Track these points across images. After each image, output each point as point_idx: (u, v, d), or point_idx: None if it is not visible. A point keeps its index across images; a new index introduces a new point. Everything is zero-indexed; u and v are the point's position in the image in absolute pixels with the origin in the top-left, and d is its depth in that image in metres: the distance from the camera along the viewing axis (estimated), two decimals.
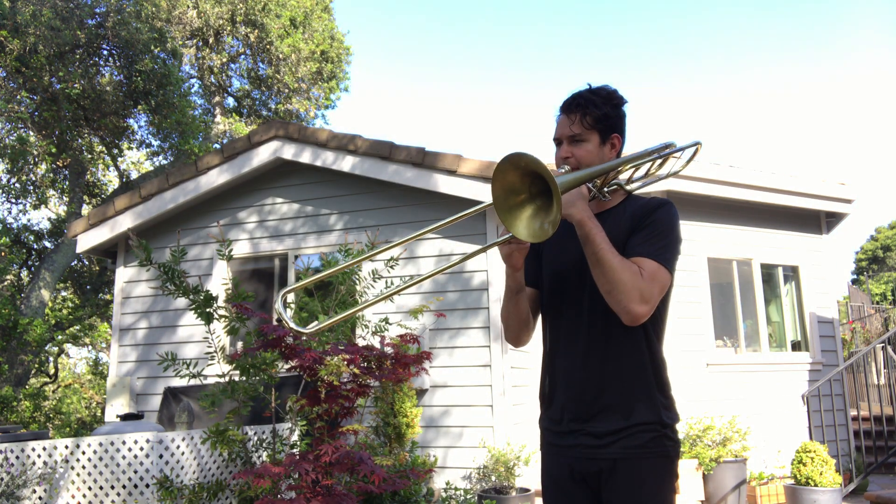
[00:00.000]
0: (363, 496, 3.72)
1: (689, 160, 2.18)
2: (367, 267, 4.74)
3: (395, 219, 6.28)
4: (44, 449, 4.16)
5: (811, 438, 6.35)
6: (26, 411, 11.34)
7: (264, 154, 6.65)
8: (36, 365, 13.21)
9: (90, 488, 4.04)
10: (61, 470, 4.09)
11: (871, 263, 33.88)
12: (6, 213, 13.55)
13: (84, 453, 4.09)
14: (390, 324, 4.41)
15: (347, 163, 6.35)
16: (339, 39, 16.82)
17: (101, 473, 4.03)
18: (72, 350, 18.05)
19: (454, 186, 5.97)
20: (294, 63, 15.21)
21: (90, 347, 16.65)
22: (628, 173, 2.03)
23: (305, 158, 6.53)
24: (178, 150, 12.76)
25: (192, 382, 3.87)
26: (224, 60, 15.70)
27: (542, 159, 1.51)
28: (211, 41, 15.09)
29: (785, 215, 7.50)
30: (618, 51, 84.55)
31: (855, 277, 33.43)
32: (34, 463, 4.13)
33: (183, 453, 4.12)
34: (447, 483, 5.48)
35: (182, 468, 4.09)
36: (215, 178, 6.75)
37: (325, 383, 3.25)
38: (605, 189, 1.86)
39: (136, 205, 6.95)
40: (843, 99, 77.90)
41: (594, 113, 1.82)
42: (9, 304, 10.17)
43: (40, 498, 4.09)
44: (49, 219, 13.98)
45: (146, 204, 6.92)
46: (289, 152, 6.57)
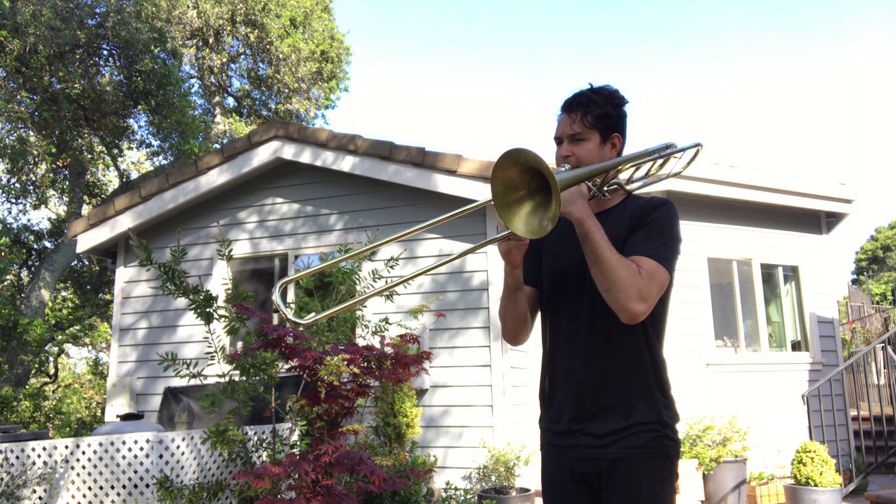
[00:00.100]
0: (363, 496, 3.71)
1: (690, 162, 2.16)
2: (368, 267, 4.74)
3: (395, 219, 6.29)
4: (44, 449, 4.16)
5: (811, 438, 6.34)
6: (26, 411, 11.34)
7: (264, 154, 6.65)
8: (36, 365, 13.21)
9: (90, 488, 4.04)
10: (61, 470, 4.09)
11: (871, 263, 33.86)
12: (6, 213, 13.59)
13: (84, 453, 4.09)
14: (390, 324, 4.41)
15: (347, 163, 6.35)
16: (339, 39, 16.82)
17: (101, 473, 4.03)
18: (72, 350, 18.06)
19: (454, 186, 5.97)
20: (294, 63, 15.21)
21: (90, 347, 16.66)
22: (628, 173, 2.02)
23: (305, 158, 6.53)
24: (178, 150, 12.75)
25: (192, 382, 3.87)
26: (224, 60, 15.70)
27: (542, 156, 1.50)
28: (211, 41, 15.08)
29: (785, 215, 7.50)
30: (618, 51, 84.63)
31: (855, 277, 33.42)
32: (34, 463, 4.13)
33: (183, 453, 4.12)
34: (447, 483, 5.48)
35: (182, 468, 4.09)
36: (215, 178, 6.76)
37: (325, 383, 3.25)
38: (605, 188, 1.86)
39: (136, 205, 6.95)
40: (843, 99, 77.99)
41: (595, 112, 1.82)
42: (9, 304, 10.17)
43: (40, 498, 4.09)
44: (49, 219, 13.99)
45: (146, 204, 6.92)
46: (289, 152, 6.57)
